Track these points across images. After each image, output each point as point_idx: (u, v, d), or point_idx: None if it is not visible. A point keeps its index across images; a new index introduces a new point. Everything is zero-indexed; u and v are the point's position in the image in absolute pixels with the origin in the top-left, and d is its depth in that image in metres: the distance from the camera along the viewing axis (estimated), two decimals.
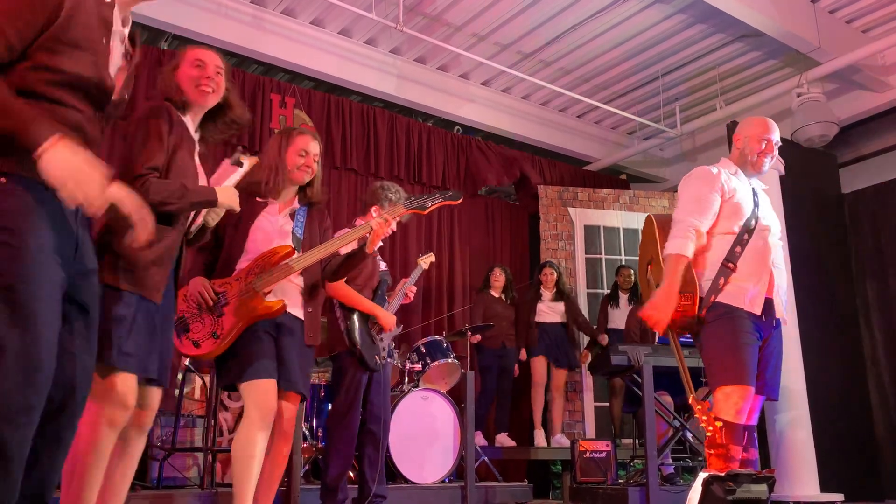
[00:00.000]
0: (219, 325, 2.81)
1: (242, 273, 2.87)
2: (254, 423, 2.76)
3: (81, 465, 2.14)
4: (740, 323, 2.93)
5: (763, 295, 3.00)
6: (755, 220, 3.08)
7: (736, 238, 3.04)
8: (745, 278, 2.99)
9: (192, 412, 4.75)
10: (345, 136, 6.63)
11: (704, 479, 2.84)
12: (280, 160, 3.04)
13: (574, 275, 7.30)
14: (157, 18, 5.54)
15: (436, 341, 5.24)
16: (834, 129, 6.40)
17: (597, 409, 6.98)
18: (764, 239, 3.07)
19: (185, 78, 2.46)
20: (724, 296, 2.98)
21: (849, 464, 6.03)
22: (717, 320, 2.97)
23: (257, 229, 2.97)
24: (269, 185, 3.02)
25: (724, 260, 3.01)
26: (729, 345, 2.91)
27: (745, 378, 2.85)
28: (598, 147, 8.30)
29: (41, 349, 1.57)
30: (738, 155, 3.25)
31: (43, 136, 1.54)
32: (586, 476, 5.06)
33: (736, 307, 2.96)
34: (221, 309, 2.82)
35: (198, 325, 2.81)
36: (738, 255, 3.01)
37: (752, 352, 2.91)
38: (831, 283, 6.61)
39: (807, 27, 6.00)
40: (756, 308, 2.96)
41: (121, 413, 2.18)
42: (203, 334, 2.80)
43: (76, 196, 1.57)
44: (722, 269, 3.00)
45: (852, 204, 7.01)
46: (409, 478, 4.63)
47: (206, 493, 3.82)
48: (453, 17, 6.19)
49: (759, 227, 3.07)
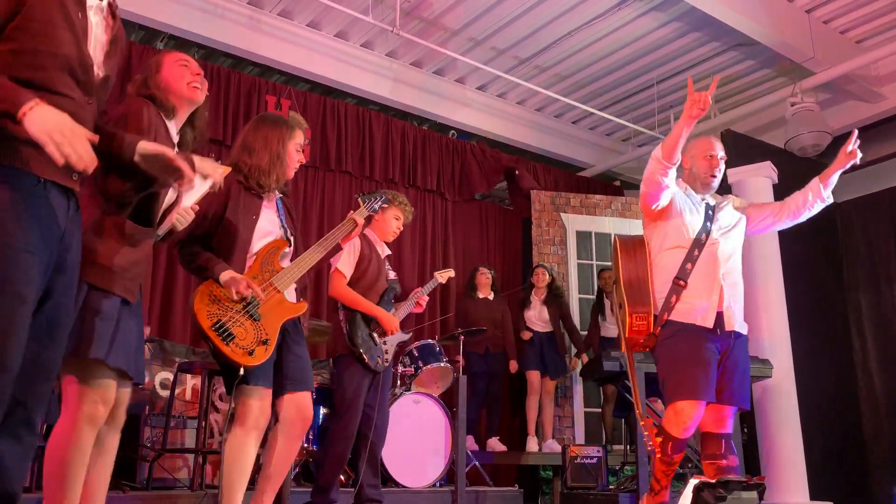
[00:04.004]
0: (261, 330, 2.70)
1: (256, 270, 2.78)
2: (250, 429, 2.74)
3: (63, 463, 2.12)
4: (693, 339, 3.03)
5: (714, 309, 3.09)
6: (706, 234, 3.17)
7: (686, 254, 3.14)
8: (695, 294, 3.09)
9: (183, 413, 4.74)
10: (340, 139, 6.63)
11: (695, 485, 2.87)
12: (283, 152, 2.90)
13: (566, 280, 7.31)
14: (153, 18, 5.53)
15: (428, 345, 5.24)
16: (827, 138, 6.43)
17: (586, 414, 6.98)
18: (713, 254, 3.15)
19: (173, 77, 2.39)
20: (676, 313, 3.09)
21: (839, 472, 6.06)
22: (671, 338, 3.08)
23: (260, 224, 2.85)
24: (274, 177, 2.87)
25: (675, 277, 3.12)
26: (681, 361, 3.01)
27: (698, 393, 2.93)
28: (593, 153, 8.32)
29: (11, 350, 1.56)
30: (688, 174, 3.39)
31: (25, 98, 1.55)
32: (577, 481, 5.06)
33: (688, 324, 3.06)
34: (257, 311, 2.72)
35: (240, 330, 2.66)
36: (689, 271, 3.12)
37: (707, 366, 2.99)
38: (823, 291, 6.64)
39: (801, 37, 6.04)
40: (708, 322, 3.06)
41: (101, 409, 2.16)
42: (250, 341, 2.66)
43: (64, 150, 1.55)
44: (673, 287, 3.11)
45: (845, 213, 7.05)
46: (400, 481, 4.62)
47: (195, 494, 3.80)
48: (450, 22, 6.20)
49: (709, 243, 3.17)
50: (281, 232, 2.92)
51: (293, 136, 2.95)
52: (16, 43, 1.64)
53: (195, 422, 4.38)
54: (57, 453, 2.12)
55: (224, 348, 2.59)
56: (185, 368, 4.42)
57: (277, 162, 2.88)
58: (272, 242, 2.85)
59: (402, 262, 6.79)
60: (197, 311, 2.63)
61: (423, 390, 5.02)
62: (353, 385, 3.72)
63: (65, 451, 2.12)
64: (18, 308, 1.59)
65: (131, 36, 5.71)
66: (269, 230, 2.88)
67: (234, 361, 2.62)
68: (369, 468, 3.83)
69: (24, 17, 1.65)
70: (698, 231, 3.18)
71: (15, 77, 1.61)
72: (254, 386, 2.73)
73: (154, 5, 5.48)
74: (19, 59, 1.63)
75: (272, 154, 2.87)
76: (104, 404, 2.17)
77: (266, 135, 2.91)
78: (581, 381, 6.94)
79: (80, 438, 2.14)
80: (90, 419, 2.15)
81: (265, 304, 2.73)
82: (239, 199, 2.81)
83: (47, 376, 1.75)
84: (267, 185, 2.87)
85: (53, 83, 1.67)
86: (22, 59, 1.64)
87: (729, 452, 3.04)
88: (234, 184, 2.79)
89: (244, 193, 2.83)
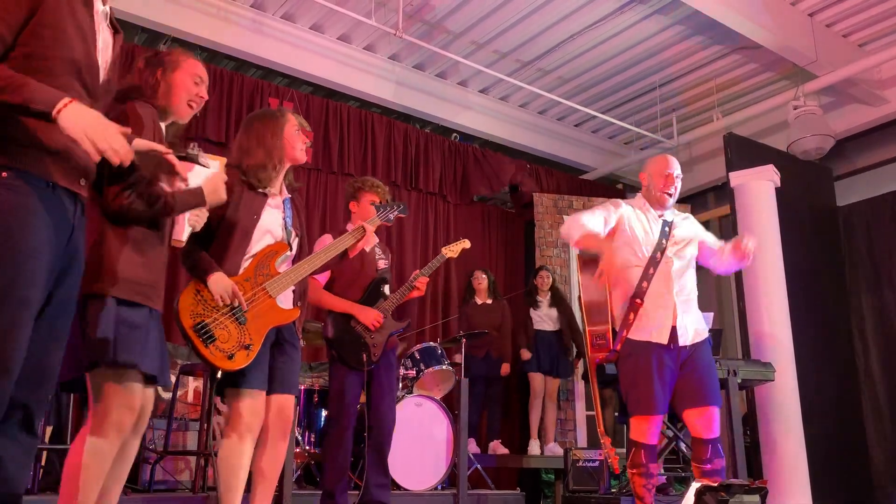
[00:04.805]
0: (245, 334, 2.66)
1: (250, 273, 2.75)
2: (244, 433, 2.74)
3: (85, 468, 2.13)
4: (649, 357, 3.19)
5: (669, 326, 3.22)
6: (660, 252, 3.30)
7: (643, 272, 3.27)
8: (651, 312, 3.23)
9: (185, 415, 4.74)
10: (342, 141, 6.63)
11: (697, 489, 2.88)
12: (276, 142, 2.88)
13: (568, 282, 7.31)
14: (157, 21, 5.54)
15: (430, 348, 5.24)
16: (830, 141, 6.43)
17: (588, 417, 6.98)
18: (667, 272, 3.29)
19: (181, 87, 2.40)
20: (634, 331, 3.25)
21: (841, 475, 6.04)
22: (629, 356, 3.24)
23: (262, 226, 2.83)
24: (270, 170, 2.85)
25: (632, 296, 3.26)
26: (638, 379, 3.19)
27: (652, 409, 3.15)
28: (596, 156, 8.32)
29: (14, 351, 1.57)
30: (646, 191, 3.49)
31: (57, 98, 1.59)
32: (579, 485, 5.05)
33: (644, 342, 3.22)
34: (244, 314, 2.68)
35: (223, 333, 2.61)
36: (645, 289, 3.26)
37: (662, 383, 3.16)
38: (825, 295, 6.63)
39: (804, 40, 6.04)
40: (662, 339, 3.20)
41: (129, 417, 2.20)
42: (232, 345, 2.61)
43: (100, 145, 1.60)
44: (631, 305, 3.26)
45: (847, 217, 7.04)
46: (402, 484, 4.61)
47: (197, 496, 3.80)
48: (453, 25, 6.21)
49: (664, 260, 3.30)
50: (283, 234, 2.90)
51: (286, 122, 2.93)
52: (28, 48, 1.67)
53: (197, 424, 4.38)
54: (78, 458, 2.13)
55: (203, 350, 2.56)
56: (187, 371, 4.43)
57: (272, 153, 2.87)
58: (271, 246, 2.83)
59: (403, 264, 6.79)
60: (181, 309, 2.59)
61: (424, 393, 5.02)
62: (339, 386, 3.71)
63: (89, 456, 2.13)
64: (23, 312, 1.60)
65: (134, 38, 5.72)
66: (271, 230, 2.86)
67: (213, 364, 2.60)
68: (376, 468, 3.77)
69: (37, 22, 1.68)
70: (653, 250, 3.31)
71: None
72: (246, 389, 2.73)
73: (158, 8, 5.50)
74: (31, 63, 1.66)
75: (266, 147, 2.86)
76: (131, 411, 2.20)
77: (258, 131, 2.91)
78: (583, 384, 6.93)
79: (105, 445, 2.16)
80: (118, 427, 2.17)
81: (253, 309, 2.70)
82: (241, 198, 2.80)
83: (49, 379, 1.76)
84: (266, 178, 2.85)
85: (63, 87, 1.69)
86: (33, 63, 1.66)
87: (715, 456, 3.16)
88: (237, 184, 2.79)
89: (247, 193, 2.83)
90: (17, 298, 1.58)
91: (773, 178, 6.06)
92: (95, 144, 1.60)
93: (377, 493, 3.76)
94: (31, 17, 1.68)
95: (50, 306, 1.72)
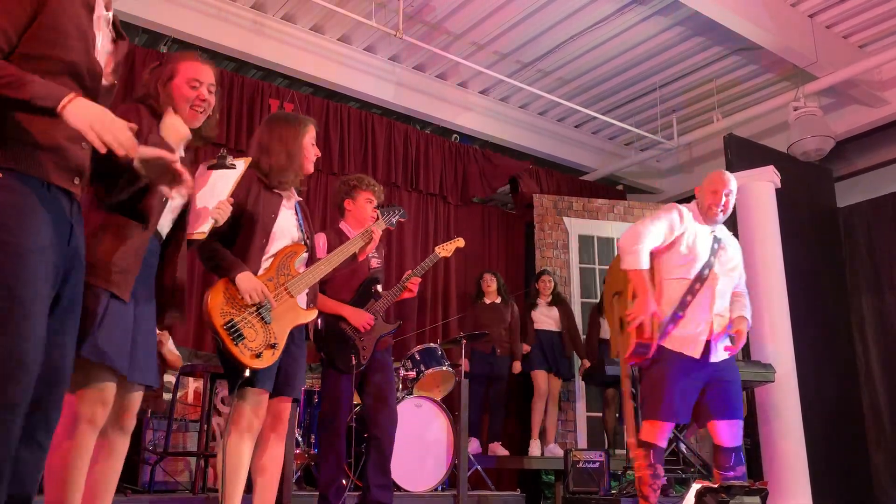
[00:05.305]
0: (271, 333, 2.71)
1: (272, 273, 2.79)
2: (242, 431, 2.75)
3: (63, 464, 2.11)
4: (678, 367, 3.28)
5: (703, 341, 3.30)
6: (708, 269, 3.36)
7: (689, 287, 3.34)
8: (691, 326, 3.31)
9: (185, 416, 4.74)
10: (343, 142, 6.64)
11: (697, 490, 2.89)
12: (297, 148, 2.94)
13: (568, 283, 7.31)
14: (157, 22, 5.54)
15: (430, 349, 5.23)
16: (830, 143, 6.43)
17: (589, 418, 6.98)
18: (712, 289, 3.35)
19: (179, 95, 2.37)
20: (670, 341, 3.32)
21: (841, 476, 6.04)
22: (658, 362, 3.33)
23: (279, 225, 2.87)
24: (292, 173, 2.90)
25: (676, 308, 3.33)
26: (665, 386, 3.28)
27: (668, 416, 3.27)
28: (596, 157, 8.33)
29: (30, 349, 1.57)
30: (698, 203, 3.54)
31: (62, 93, 1.60)
32: (579, 486, 5.05)
33: (677, 352, 3.29)
34: (269, 314, 2.73)
35: (251, 331, 2.66)
36: (689, 303, 3.33)
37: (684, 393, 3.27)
38: (826, 296, 6.64)
39: (804, 41, 6.04)
40: (696, 353, 3.28)
41: (100, 410, 2.15)
42: (259, 344, 2.67)
43: (105, 137, 1.61)
44: (672, 317, 3.33)
45: (847, 218, 7.05)
46: (402, 486, 4.61)
47: (197, 497, 3.80)
48: (453, 26, 6.21)
49: (710, 277, 3.36)
50: (299, 234, 2.94)
51: (306, 130, 3.00)
52: (28, 48, 1.68)
53: (197, 425, 4.38)
54: (57, 454, 2.11)
55: (233, 348, 2.60)
56: (187, 371, 4.43)
57: (294, 158, 2.92)
58: (290, 246, 2.87)
59: (403, 266, 6.78)
60: (211, 307, 2.62)
61: (424, 394, 5.02)
62: (329, 389, 3.70)
63: (65, 452, 2.12)
64: (36, 307, 1.60)
65: (135, 39, 5.72)
66: (287, 230, 2.90)
67: (241, 362, 2.63)
68: (377, 468, 3.74)
69: (38, 25, 1.69)
70: (702, 266, 3.36)
71: None
72: (258, 388, 2.75)
73: (158, 8, 5.50)
74: (29, 63, 1.67)
75: (289, 151, 2.92)
76: (103, 405, 2.16)
77: (281, 133, 2.95)
78: (583, 386, 6.93)
79: (80, 440, 2.13)
80: (90, 420, 2.14)
81: (277, 308, 2.75)
82: (259, 197, 2.84)
83: (63, 378, 1.76)
84: (286, 182, 2.91)
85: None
86: (30, 63, 1.67)
87: (737, 464, 3.29)
88: (254, 182, 2.83)
89: (264, 192, 2.87)
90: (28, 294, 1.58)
91: (773, 179, 6.07)
92: (101, 136, 1.60)
93: (379, 494, 3.74)
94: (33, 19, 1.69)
95: (59, 307, 1.72)
